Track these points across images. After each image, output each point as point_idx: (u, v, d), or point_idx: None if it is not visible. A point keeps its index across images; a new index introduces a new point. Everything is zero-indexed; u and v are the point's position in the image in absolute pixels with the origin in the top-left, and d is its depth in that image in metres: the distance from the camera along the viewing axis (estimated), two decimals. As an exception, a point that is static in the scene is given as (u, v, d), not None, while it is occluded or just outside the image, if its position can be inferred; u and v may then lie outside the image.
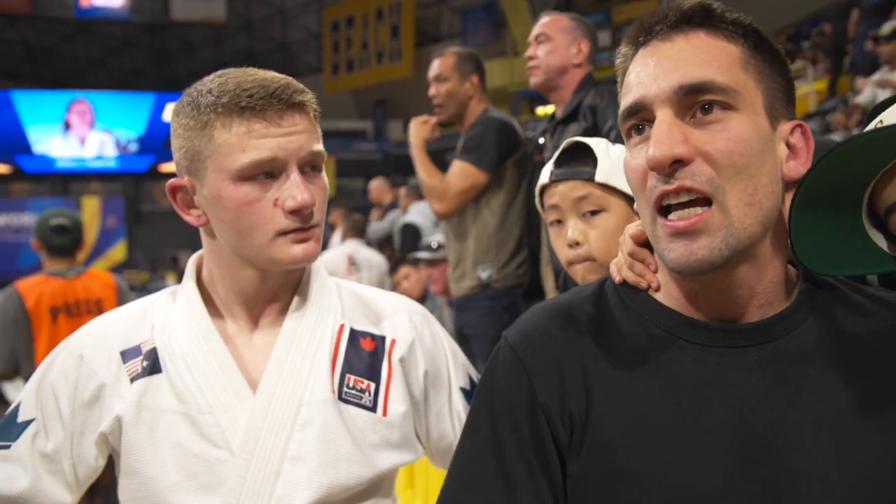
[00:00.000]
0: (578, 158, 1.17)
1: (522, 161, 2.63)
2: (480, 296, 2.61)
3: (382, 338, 1.06)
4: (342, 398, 0.99)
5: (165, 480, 0.93)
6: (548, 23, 2.40)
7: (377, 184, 6.54)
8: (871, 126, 0.80)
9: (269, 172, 0.94)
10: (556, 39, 2.36)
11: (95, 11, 17.56)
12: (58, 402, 0.98)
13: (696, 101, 0.72)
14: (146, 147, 17.67)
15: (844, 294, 0.81)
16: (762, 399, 0.73)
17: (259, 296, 1.02)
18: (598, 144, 1.18)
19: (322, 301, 1.05)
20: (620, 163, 0.88)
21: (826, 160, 0.70)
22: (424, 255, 3.50)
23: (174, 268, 12.54)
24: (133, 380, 0.97)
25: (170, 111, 1.02)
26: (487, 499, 0.77)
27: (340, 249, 4.87)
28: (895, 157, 0.72)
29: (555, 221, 1.19)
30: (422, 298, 3.72)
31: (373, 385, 1.02)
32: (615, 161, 1.15)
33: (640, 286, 0.83)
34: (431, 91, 2.69)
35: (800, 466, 0.70)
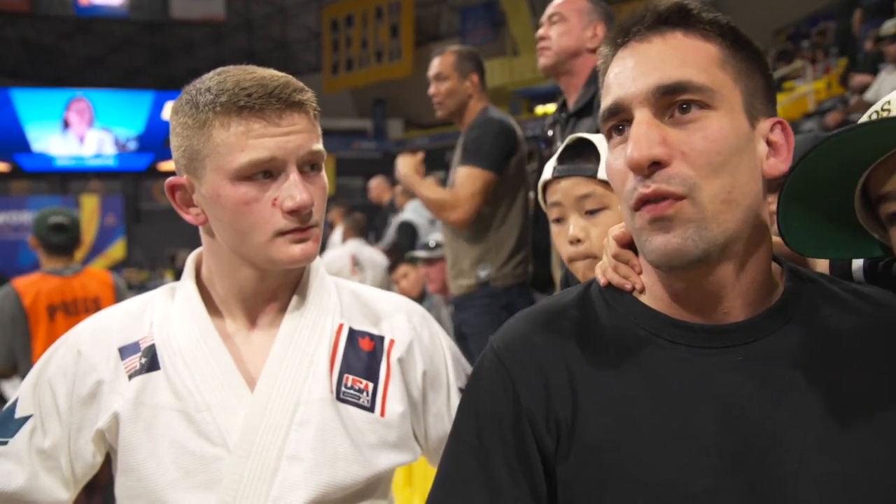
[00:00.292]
0: (582, 155, 1.17)
1: (522, 160, 2.63)
2: (479, 294, 2.60)
3: (381, 338, 1.06)
4: (340, 398, 0.99)
5: (162, 478, 0.93)
6: (563, 2, 2.22)
7: (377, 183, 6.54)
8: (870, 115, 0.80)
9: (268, 172, 0.93)
10: (571, 20, 2.19)
11: (95, 9, 17.54)
12: (55, 398, 0.98)
13: (674, 101, 0.72)
14: (145, 145, 17.66)
15: (829, 290, 0.81)
16: (749, 399, 0.73)
17: (258, 295, 1.02)
18: (602, 141, 1.18)
19: (321, 300, 1.05)
20: None
21: (824, 145, 0.70)
22: (422, 254, 3.49)
23: (173, 266, 12.53)
24: (131, 376, 0.97)
25: (169, 109, 1.01)
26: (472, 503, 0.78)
27: (343, 249, 4.85)
28: (893, 148, 0.72)
29: (556, 218, 1.19)
30: (420, 297, 3.72)
31: (371, 385, 1.02)
32: None
33: (625, 288, 0.83)
34: (431, 90, 2.69)
35: (788, 466, 0.70)
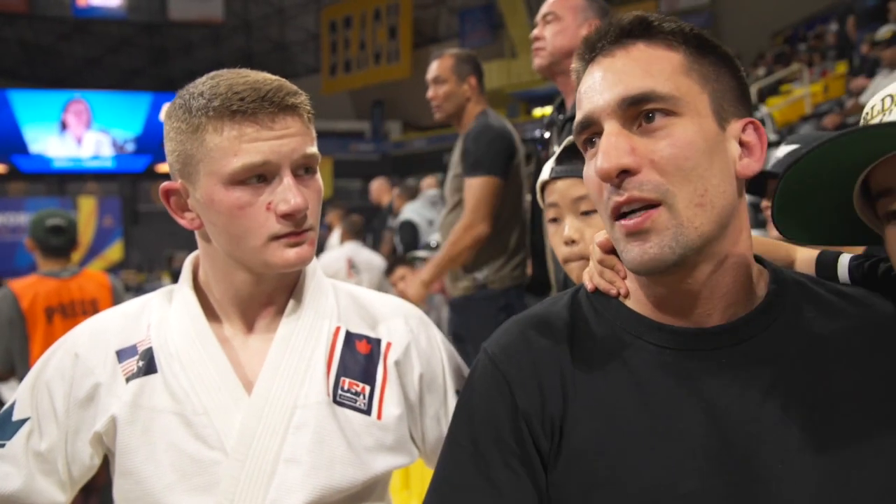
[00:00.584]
0: (579, 156, 1.17)
1: (519, 163, 2.64)
2: (477, 296, 2.61)
3: (378, 341, 1.06)
4: (337, 401, 0.99)
5: (160, 481, 0.93)
6: (557, 1, 2.17)
7: (377, 184, 6.54)
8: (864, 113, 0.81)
9: (262, 176, 0.93)
10: (566, 19, 2.13)
11: (92, 11, 17.55)
12: (53, 401, 0.98)
13: (640, 111, 0.74)
14: (143, 147, 17.66)
15: (813, 292, 0.82)
16: (734, 401, 0.74)
17: (254, 299, 1.02)
18: None
19: (318, 304, 1.05)
20: None
21: (826, 145, 0.70)
22: (423, 255, 3.50)
23: (171, 268, 12.51)
24: (129, 379, 0.97)
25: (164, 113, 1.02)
26: None
27: (339, 252, 4.85)
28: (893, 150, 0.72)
29: (553, 219, 1.20)
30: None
31: (368, 388, 1.02)
32: None
33: (611, 293, 0.85)
34: (430, 93, 2.70)
35: (773, 467, 0.71)
